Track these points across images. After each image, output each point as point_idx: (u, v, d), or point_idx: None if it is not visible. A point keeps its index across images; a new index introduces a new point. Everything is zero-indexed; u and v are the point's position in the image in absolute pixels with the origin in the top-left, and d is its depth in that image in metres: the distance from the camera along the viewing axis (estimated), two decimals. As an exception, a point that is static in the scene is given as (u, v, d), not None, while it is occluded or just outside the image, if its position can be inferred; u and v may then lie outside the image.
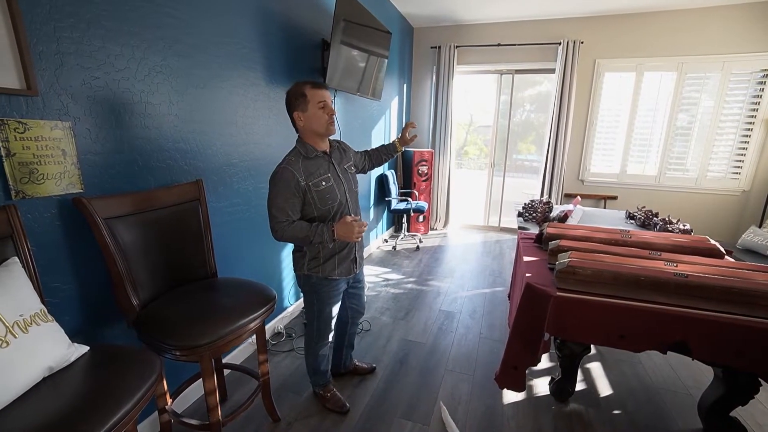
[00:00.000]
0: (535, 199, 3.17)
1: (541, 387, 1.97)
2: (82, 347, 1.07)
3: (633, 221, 2.80)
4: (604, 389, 1.98)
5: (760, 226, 3.57)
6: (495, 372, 1.78)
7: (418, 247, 4.37)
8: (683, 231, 2.35)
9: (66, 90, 1.21)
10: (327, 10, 2.71)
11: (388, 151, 1.91)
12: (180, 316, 1.29)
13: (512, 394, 1.90)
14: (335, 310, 1.69)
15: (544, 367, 2.14)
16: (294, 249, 1.65)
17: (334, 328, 1.74)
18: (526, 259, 1.94)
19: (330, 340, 1.74)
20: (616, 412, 1.81)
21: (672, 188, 4.27)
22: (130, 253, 1.33)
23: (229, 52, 1.90)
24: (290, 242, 1.53)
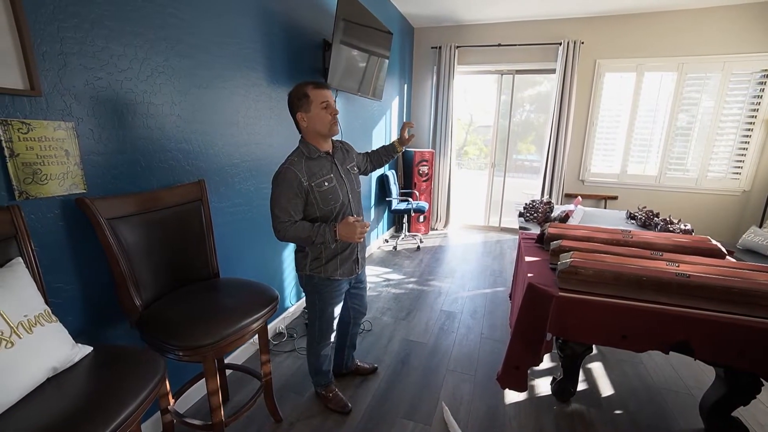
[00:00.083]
0: (535, 199, 3.17)
1: (543, 387, 1.97)
2: (86, 348, 1.07)
3: (634, 221, 2.80)
4: (605, 389, 1.98)
5: (760, 227, 3.58)
6: (497, 372, 1.78)
7: (418, 247, 4.37)
8: (684, 231, 2.35)
9: (69, 90, 1.21)
10: (328, 10, 2.71)
11: (388, 152, 1.91)
12: (183, 317, 1.29)
13: (514, 394, 1.91)
14: (337, 310, 1.70)
15: (546, 367, 2.14)
16: (296, 249, 1.65)
17: (336, 328, 1.74)
18: (527, 259, 1.94)
19: (332, 341, 1.74)
20: (618, 412, 1.81)
21: (672, 188, 4.28)
22: (133, 254, 1.33)
23: (231, 53, 1.90)
24: (292, 242, 1.53)
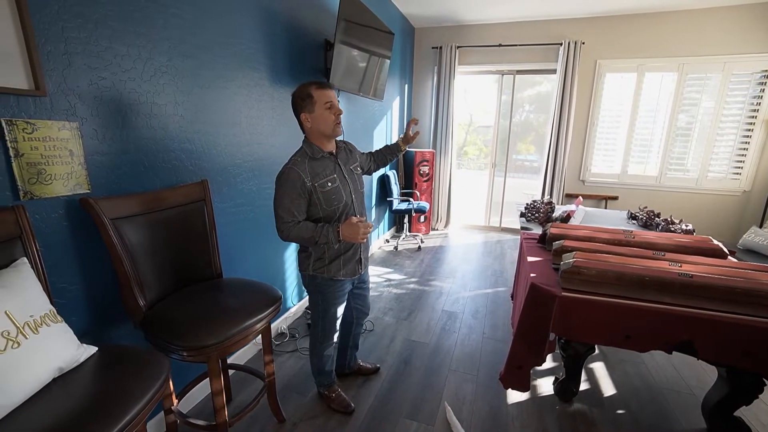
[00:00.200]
0: (536, 199, 3.17)
1: (546, 387, 1.97)
2: (91, 348, 1.07)
3: (635, 222, 2.80)
4: (607, 389, 1.98)
5: (760, 227, 3.58)
6: (499, 372, 1.78)
7: (419, 247, 4.37)
8: (686, 231, 2.36)
9: (73, 90, 1.21)
10: (330, 10, 2.72)
11: (392, 151, 1.91)
12: (187, 317, 1.29)
13: (516, 394, 1.91)
14: (340, 310, 1.70)
15: (548, 367, 2.14)
16: (299, 249, 1.65)
17: (339, 328, 1.74)
18: (529, 259, 1.94)
19: (335, 341, 1.75)
20: (620, 412, 1.82)
21: (673, 188, 4.29)
22: (137, 254, 1.33)
23: (234, 53, 1.90)
24: (296, 242, 1.54)
